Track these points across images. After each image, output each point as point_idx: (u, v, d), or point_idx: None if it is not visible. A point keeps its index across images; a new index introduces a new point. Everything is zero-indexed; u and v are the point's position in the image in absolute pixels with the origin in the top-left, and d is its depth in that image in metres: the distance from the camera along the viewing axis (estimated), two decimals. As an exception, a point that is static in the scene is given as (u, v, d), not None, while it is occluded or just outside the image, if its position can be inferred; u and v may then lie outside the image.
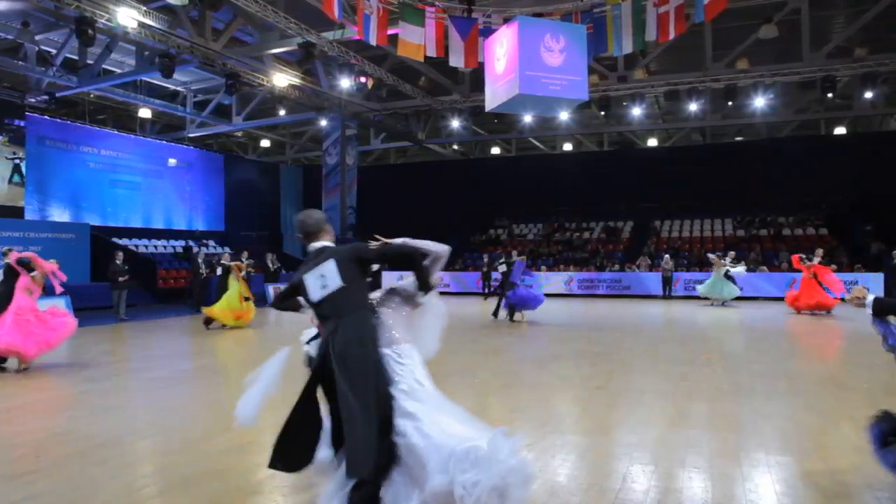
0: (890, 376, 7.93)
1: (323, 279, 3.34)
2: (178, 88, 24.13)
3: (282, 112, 24.24)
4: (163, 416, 5.86)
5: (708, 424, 5.43)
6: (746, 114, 22.41)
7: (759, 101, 19.34)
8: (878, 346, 7.86)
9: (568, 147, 30.91)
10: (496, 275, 19.07)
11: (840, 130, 27.18)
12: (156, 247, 22.77)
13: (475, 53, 12.27)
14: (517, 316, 14.06)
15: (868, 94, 19.03)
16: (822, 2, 18.18)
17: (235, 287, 13.08)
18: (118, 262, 15.03)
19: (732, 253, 19.81)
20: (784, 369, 8.01)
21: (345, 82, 18.78)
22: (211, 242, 24.89)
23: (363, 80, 19.72)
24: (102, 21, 14.25)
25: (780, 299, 17.54)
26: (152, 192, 24.60)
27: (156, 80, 21.82)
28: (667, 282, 20.89)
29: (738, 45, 18.42)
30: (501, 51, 10.01)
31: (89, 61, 18.64)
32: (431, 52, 12.36)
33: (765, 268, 21.31)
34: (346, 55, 17.84)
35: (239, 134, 30.59)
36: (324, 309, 3.37)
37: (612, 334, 11.94)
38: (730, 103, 19.68)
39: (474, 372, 7.98)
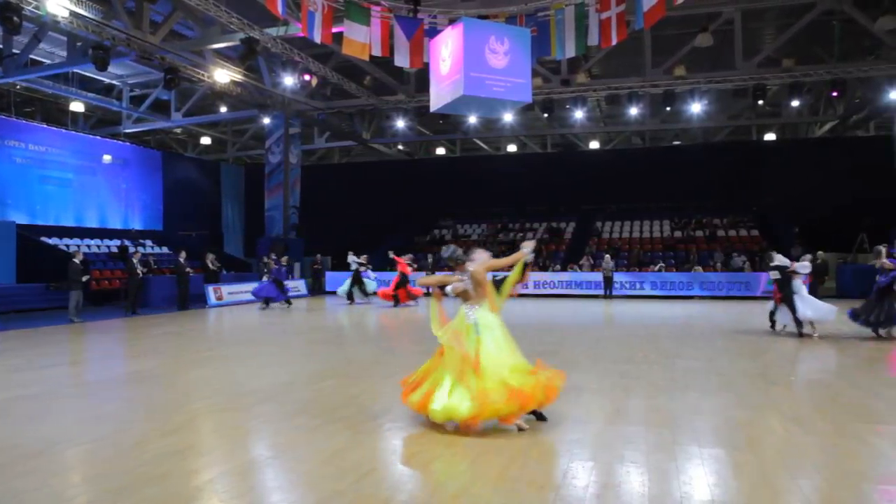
0: (811, 371, 8.35)
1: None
2: (114, 82, 23.30)
3: (223, 109, 23.73)
4: (95, 423, 5.64)
5: (645, 420, 5.59)
6: (683, 119, 23.21)
7: (696, 107, 20.03)
8: (803, 343, 8.24)
9: (512, 148, 31.30)
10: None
11: (770, 136, 28.44)
12: (88, 246, 21.87)
13: (420, 54, 12.26)
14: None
15: (795, 103, 19.97)
16: (754, 14, 19.02)
17: None
18: (76, 262, 14.63)
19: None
20: (717, 366, 8.32)
21: (288, 80, 18.49)
22: (148, 242, 24.10)
23: (307, 78, 19.46)
24: (30, 9, 13.62)
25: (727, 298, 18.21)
26: (85, 189, 23.63)
27: (89, 72, 21.01)
28: (607, 281, 21.38)
29: (675, 52, 19.06)
30: (446, 52, 10.04)
31: (15, 51, 17.79)
32: (377, 52, 12.28)
33: (699, 268, 22.06)
34: (290, 52, 17.58)
35: (178, 131, 29.74)
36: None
37: (554, 334, 12.14)
38: (668, 108, 20.30)
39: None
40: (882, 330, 10.63)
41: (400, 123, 23.15)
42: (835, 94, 19.31)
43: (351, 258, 19.58)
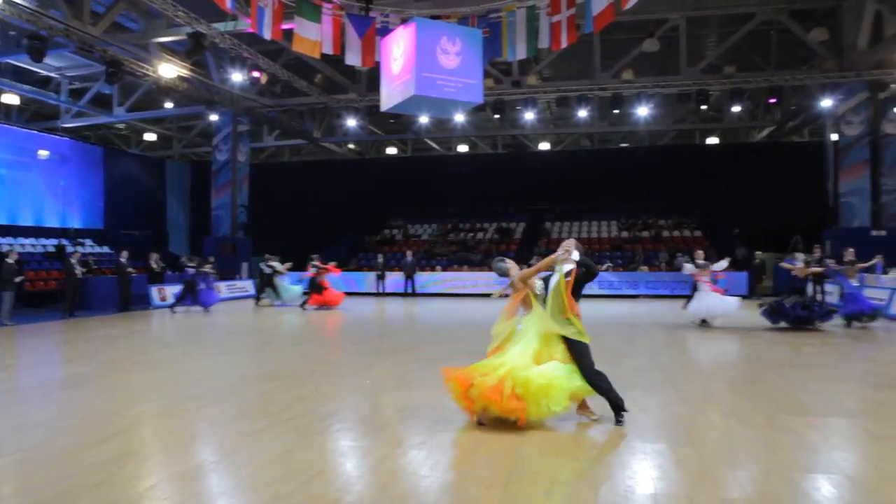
0: (749, 367, 8.65)
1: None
2: (51, 74, 22.39)
3: (168, 104, 23.04)
4: (27, 430, 5.41)
5: (591, 417, 5.70)
6: (631, 122, 23.73)
7: (642, 111, 20.49)
8: (740, 339, 8.51)
9: (463, 148, 31.45)
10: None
11: (712, 140, 29.36)
12: (23, 246, 20.94)
13: (372, 52, 12.19)
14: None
15: (736, 108, 20.66)
16: (698, 22, 19.64)
17: None
18: (11, 261, 14.10)
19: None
20: (659, 363, 8.54)
21: (237, 76, 18.10)
22: (88, 241, 23.24)
23: (256, 74, 19.10)
24: (-41, -4, 12.97)
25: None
26: (19, 185, 22.60)
27: (24, 63, 20.12)
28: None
29: (623, 56, 19.50)
30: (398, 51, 10.02)
31: (-57, 40, 16.93)
32: (328, 50, 12.16)
33: (645, 267, 22.61)
34: (239, 48, 17.22)
35: (121, 126, 28.78)
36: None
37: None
38: (616, 111, 20.72)
39: (366, 373, 7.95)
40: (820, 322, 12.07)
41: (351, 122, 22.94)
42: (772, 100, 20.08)
43: (267, 264, 18.82)
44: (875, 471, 4.31)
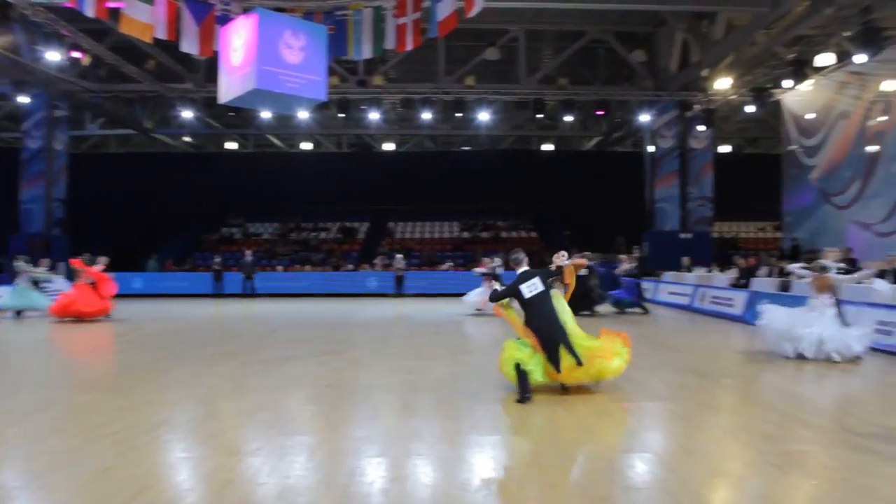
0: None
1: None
2: None
3: (-36, 81, 20.26)
4: None
5: (430, 413, 5.85)
6: (472, 126, 24.58)
7: (484, 116, 21.34)
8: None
9: (307, 146, 30.83)
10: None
11: (548, 147, 31.28)
12: None
13: (210, 41, 11.55)
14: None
15: (568, 118, 22.17)
16: (536, 35, 20.88)
17: None
18: None
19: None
20: (496, 358, 8.93)
21: (53, 55, 16.29)
22: None
23: (77, 55, 17.31)
24: None
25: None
26: None
27: None
28: (398, 280, 21.94)
29: (467, 63, 20.20)
30: (239, 42, 9.61)
31: None
32: (161, 35, 11.33)
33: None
34: (56, 24, 15.54)
35: None
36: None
37: (344, 333, 12.21)
38: (458, 115, 21.38)
39: (201, 378, 7.54)
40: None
41: (187, 114, 21.59)
42: (600, 113, 21.79)
43: (20, 264, 15.37)
44: (679, 448, 4.84)
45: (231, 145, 31.14)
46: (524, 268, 6.64)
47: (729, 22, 17.92)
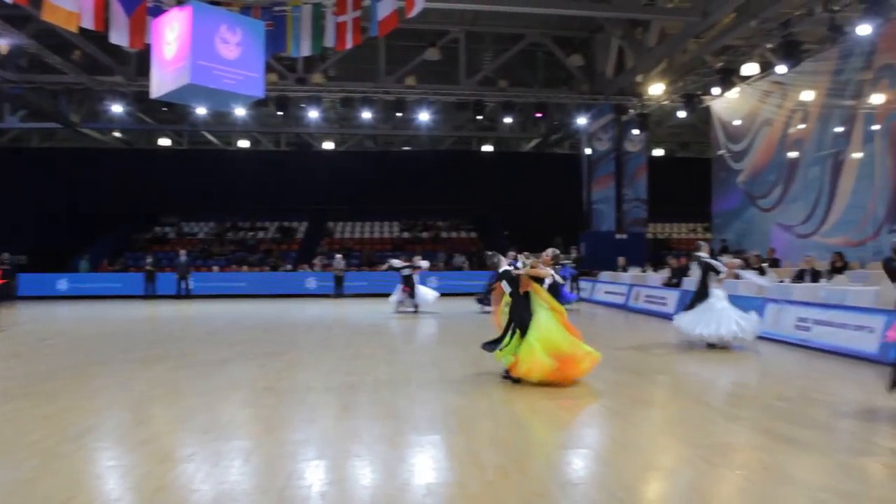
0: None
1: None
2: None
3: None
4: None
5: (369, 414, 5.81)
6: (413, 126, 24.61)
7: (424, 116, 21.36)
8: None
9: (244, 144, 30.16)
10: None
11: (487, 148, 31.59)
12: None
13: (142, 33, 11.13)
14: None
15: (507, 120, 22.45)
16: (476, 36, 21.05)
17: None
18: None
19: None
20: (435, 358, 8.99)
21: (-34, 43, 15.42)
22: None
23: (-5, 42, 16.41)
24: None
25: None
26: None
27: None
28: (338, 281, 21.74)
29: (407, 63, 20.18)
30: (172, 35, 9.29)
31: None
32: (88, 24, 10.82)
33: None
34: (-30, 10, 14.67)
35: None
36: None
37: (282, 334, 12.02)
38: (399, 115, 21.35)
39: (132, 383, 7.28)
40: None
41: (117, 108, 20.75)
42: (539, 115, 22.16)
43: None
44: (614, 443, 4.97)
45: (164, 142, 30.13)
46: (504, 268, 7.47)
47: (662, 30, 18.56)
